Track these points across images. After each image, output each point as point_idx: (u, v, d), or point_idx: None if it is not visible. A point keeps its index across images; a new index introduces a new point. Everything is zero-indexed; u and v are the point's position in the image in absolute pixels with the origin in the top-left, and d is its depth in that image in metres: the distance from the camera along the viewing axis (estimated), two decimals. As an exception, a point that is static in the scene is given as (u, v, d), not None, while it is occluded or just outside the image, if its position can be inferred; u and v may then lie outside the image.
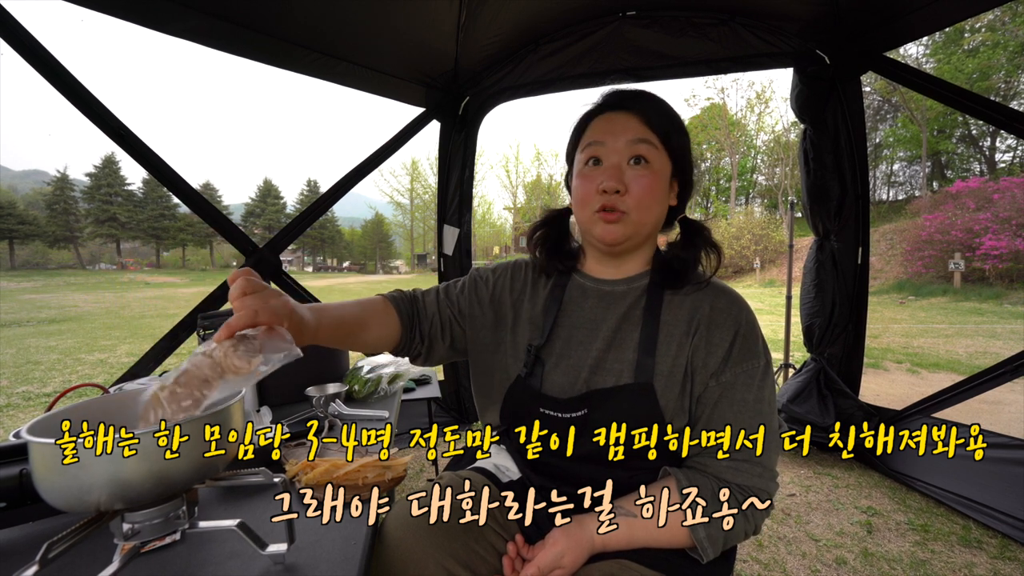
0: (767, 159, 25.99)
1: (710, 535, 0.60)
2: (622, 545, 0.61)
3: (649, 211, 0.66)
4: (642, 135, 0.66)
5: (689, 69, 2.28)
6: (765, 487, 0.62)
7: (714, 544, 0.60)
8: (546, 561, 0.57)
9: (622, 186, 0.65)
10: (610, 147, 0.66)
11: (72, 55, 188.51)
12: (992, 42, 15.76)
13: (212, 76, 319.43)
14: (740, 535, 0.62)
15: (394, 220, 32.09)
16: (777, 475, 0.64)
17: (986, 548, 1.53)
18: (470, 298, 0.78)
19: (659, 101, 0.69)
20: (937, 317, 7.96)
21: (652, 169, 0.65)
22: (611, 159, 0.66)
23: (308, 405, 1.04)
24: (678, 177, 0.71)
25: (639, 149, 0.65)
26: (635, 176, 0.65)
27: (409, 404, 2.16)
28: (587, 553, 0.60)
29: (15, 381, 4.41)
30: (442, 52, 2.22)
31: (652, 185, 0.65)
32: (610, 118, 0.68)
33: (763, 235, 17.94)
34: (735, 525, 0.60)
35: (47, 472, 0.43)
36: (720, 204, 28.82)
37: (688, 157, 0.70)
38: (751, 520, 0.61)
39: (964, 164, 20.87)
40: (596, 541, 0.60)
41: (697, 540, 0.60)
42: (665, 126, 0.67)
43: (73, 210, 37.33)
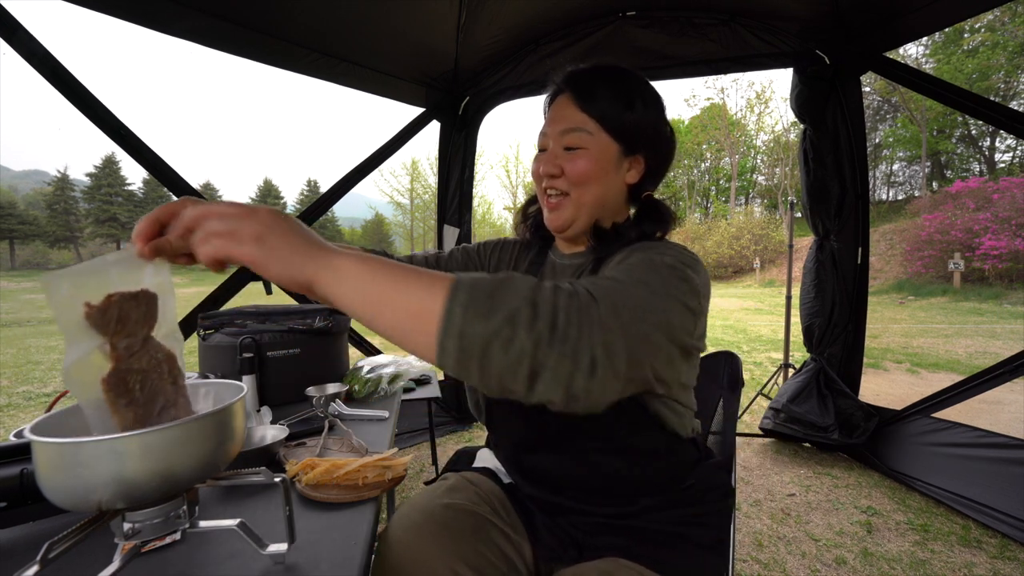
0: (767, 159, 26.02)
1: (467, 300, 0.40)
2: (345, 292, 0.41)
3: (587, 189, 0.66)
4: (573, 124, 0.65)
5: (689, 69, 2.29)
6: (590, 288, 0.45)
7: (464, 312, 0.39)
8: None
9: (557, 170, 0.66)
10: (550, 135, 0.68)
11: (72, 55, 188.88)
12: (992, 42, 15.79)
13: (212, 76, 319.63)
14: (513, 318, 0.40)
15: (394, 220, 32.09)
16: (615, 304, 0.44)
17: (986, 548, 1.53)
18: (458, 267, 0.81)
19: (601, 79, 0.67)
20: (937, 317, 7.97)
21: (588, 152, 0.65)
22: (551, 147, 0.68)
23: (308, 405, 1.04)
24: (641, 153, 0.68)
25: (568, 139, 0.66)
26: (567, 158, 0.66)
27: (409, 404, 2.16)
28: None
29: (15, 381, 4.41)
30: (442, 52, 2.22)
31: (587, 165, 0.65)
32: (557, 103, 0.68)
33: (763, 235, 17.97)
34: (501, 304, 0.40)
35: (51, 471, 0.43)
36: (720, 204, 28.84)
37: (648, 131, 0.67)
38: (541, 306, 0.41)
39: (964, 164, 20.90)
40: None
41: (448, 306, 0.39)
42: (602, 106, 0.65)
43: (73, 210, 37.31)
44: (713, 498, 0.68)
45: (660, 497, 0.66)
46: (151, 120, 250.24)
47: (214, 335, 1.09)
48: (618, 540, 0.63)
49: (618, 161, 0.67)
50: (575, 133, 0.65)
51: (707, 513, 0.67)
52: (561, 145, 0.66)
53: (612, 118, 0.65)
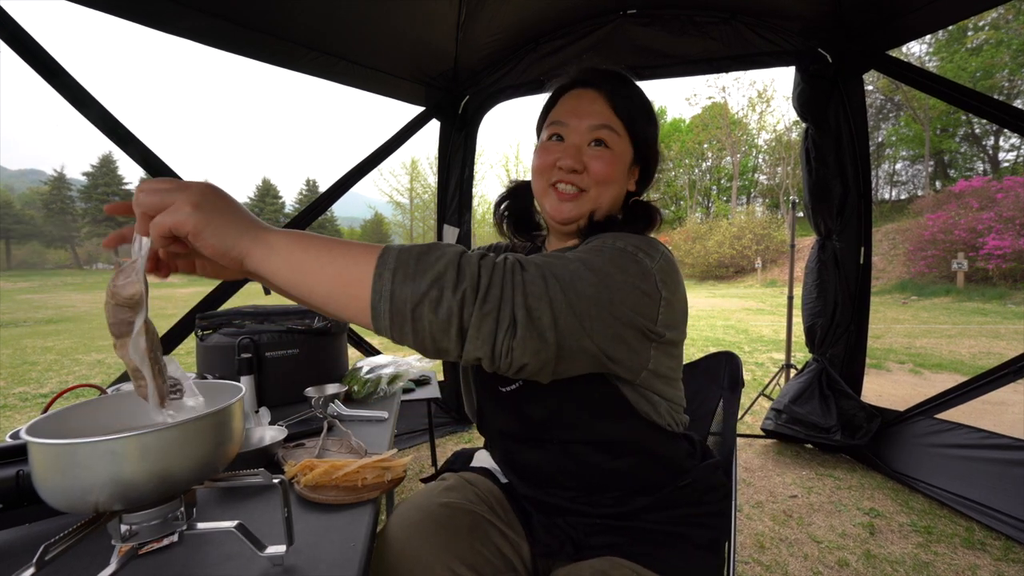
0: (769, 158, 25.96)
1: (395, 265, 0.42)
2: (279, 267, 0.42)
3: (608, 189, 0.66)
4: (605, 121, 0.65)
5: (690, 68, 2.28)
6: (520, 259, 0.46)
7: (395, 276, 0.41)
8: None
9: (580, 165, 0.65)
10: (572, 127, 0.66)
11: (69, 54, 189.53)
12: (996, 40, 15.72)
13: (211, 75, 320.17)
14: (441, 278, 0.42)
15: (393, 220, 32.09)
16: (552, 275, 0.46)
17: (990, 550, 1.52)
18: None
19: (630, 86, 0.68)
20: (940, 317, 7.93)
21: (613, 153, 0.66)
22: (572, 139, 0.66)
23: (307, 406, 1.03)
24: (640, 164, 0.71)
25: (600, 134, 0.65)
26: (594, 156, 0.65)
27: (409, 405, 2.16)
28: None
29: (12, 382, 4.40)
30: (442, 51, 2.22)
31: (611, 165, 0.65)
32: (579, 95, 0.67)
33: (765, 235, 17.92)
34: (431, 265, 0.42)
35: (47, 473, 0.43)
36: (721, 204, 28.78)
37: (653, 147, 0.70)
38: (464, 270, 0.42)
39: (967, 163, 20.82)
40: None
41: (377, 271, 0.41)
42: (632, 113, 0.66)
43: (70, 209, 37.33)
44: (712, 498, 0.68)
45: (656, 496, 0.65)
46: (149, 119, 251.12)
47: (212, 336, 1.09)
48: (615, 539, 0.63)
49: (631, 167, 0.69)
50: (606, 130, 0.65)
51: (706, 514, 0.67)
52: (588, 138, 0.66)
53: (638, 124, 0.67)
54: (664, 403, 0.65)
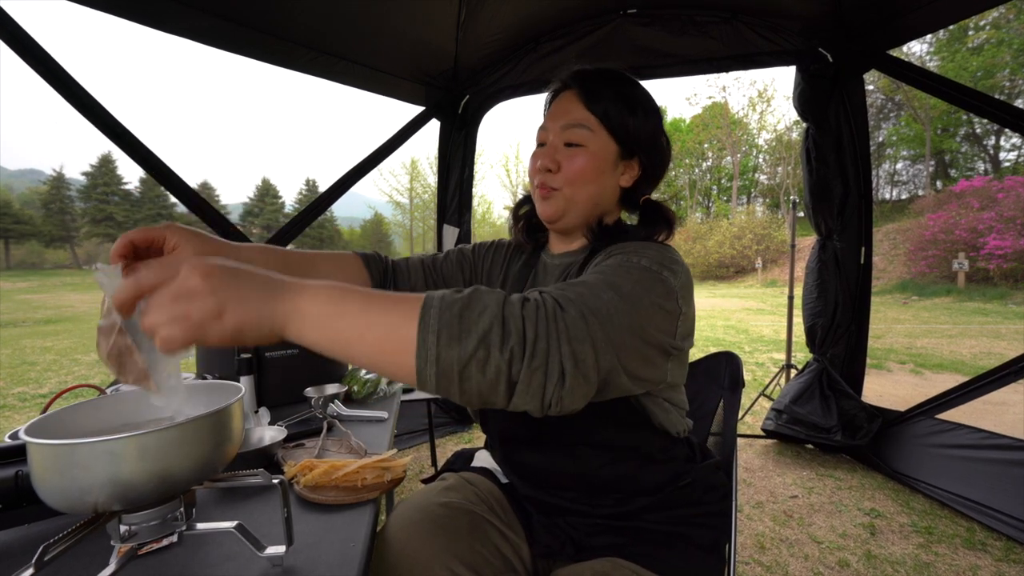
0: (769, 158, 25.96)
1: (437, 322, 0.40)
2: (316, 338, 0.40)
3: (580, 188, 0.66)
4: (576, 120, 0.66)
5: (690, 67, 2.28)
6: (558, 297, 0.46)
7: (438, 337, 0.40)
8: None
9: (554, 165, 0.66)
10: (550, 130, 0.68)
11: (68, 53, 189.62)
12: (997, 40, 15.70)
13: (210, 75, 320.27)
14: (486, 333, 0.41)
15: (393, 220, 32.09)
16: (588, 307, 0.46)
17: (991, 551, 1.52)
18: (453, 269, 0.81)
19: (611, 81, 0.67)
20: (941, 317, 7.93)
21: (587, 151, 0.66)
22: (551, 140, 0.68)
23: (307, 406, 1.03)
24: (637, 157, 0.69)
25: (570, 135, 0.66)
26: (566, 155, 0.66)
27: (408, 405, 2.16)
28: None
29: (11, 382, 4.40)
30: (442, 51, 2.22)
31: (584, 164, 0.65)
32: (559, 99, 0.69)
33: (765, 235, 17.91)
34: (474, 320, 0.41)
35: (46, 473, 0.43)
36: (721, 203, 28.77)
37: (647, 139, 0.68)
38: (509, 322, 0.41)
39: (968, 163, 20.79)
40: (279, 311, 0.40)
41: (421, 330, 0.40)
42: (606, 107, 0.66)
43: (69, 209, 37.21)
44: (712, 499, 0.68)
45: (657, 497, 0.65)
46: (148, 118, 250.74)
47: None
48: (616, 540, 0.63)
49: (615, 162, 0.68)
50: (577, 129, 0.66)
51: (706, 514, 0.67)
52: (561, 140, 0.67)
53: (614, 118, 0.66)
54: (674, 409, 0.66)
